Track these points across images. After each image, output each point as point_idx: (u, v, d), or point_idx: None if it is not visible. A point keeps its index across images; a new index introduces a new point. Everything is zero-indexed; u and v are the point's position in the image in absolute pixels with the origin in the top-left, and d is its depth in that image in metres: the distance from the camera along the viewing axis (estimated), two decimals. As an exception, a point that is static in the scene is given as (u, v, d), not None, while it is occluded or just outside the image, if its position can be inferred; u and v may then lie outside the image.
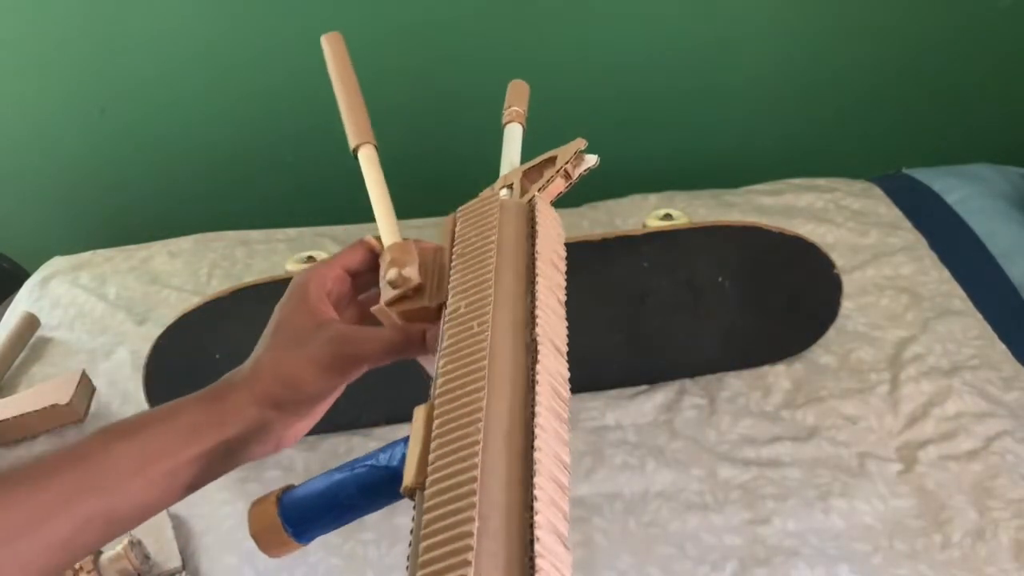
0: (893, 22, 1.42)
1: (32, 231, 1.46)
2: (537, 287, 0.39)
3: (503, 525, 0.28)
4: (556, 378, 0.35)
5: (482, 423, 0.32)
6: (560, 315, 0.39)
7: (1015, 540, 0.81)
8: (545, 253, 0.43)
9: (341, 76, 0.59)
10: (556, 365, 0.36)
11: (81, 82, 1.29)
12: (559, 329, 0.38)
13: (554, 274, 0.42)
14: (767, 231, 0.94)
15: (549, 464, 0.30)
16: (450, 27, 1.31)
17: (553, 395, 0.34)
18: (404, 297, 0.47)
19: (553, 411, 0.33)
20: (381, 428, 0.95)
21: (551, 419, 0.33)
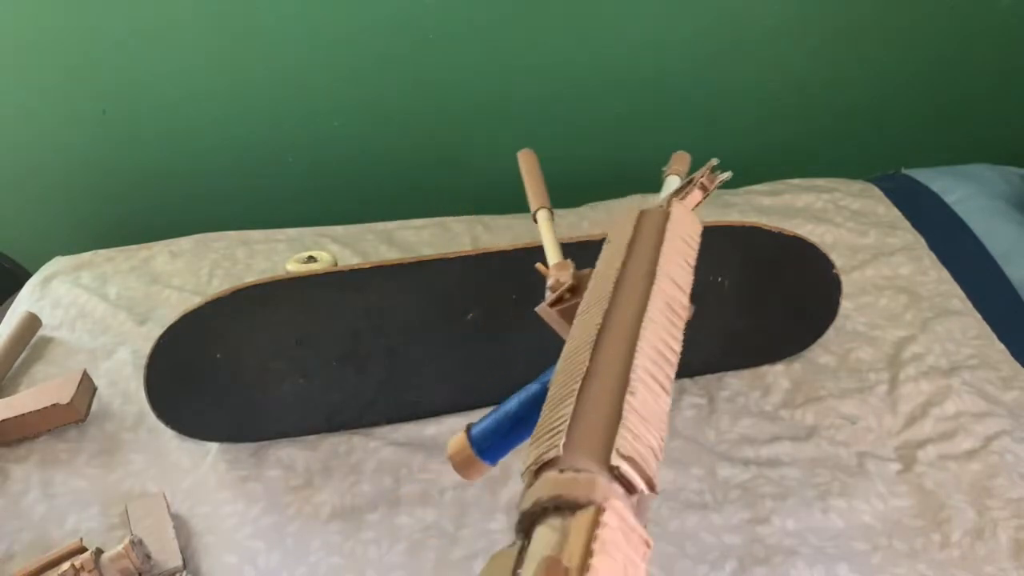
0: (893, 23, 1.42)
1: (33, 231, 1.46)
2: (652, 294, 0.45)
3: (609, 373, 0.37)
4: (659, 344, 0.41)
5: (595, 336, 0.41)
6: (663, 319, 0.43)
7: (1014, 539, 0.81)
8: (669, 255, 0.49)
9: (530, 170, 0.76)
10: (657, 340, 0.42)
11: (83, 83, 1.29)
12: (659, 331, 0.42)
13: (674, 274, 0.48)
14: (767, 231, 0.95)
15: (652, 337, 0.39)
16: (452, 29, 1.31)
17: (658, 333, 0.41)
18: (561, 299, 0.57)
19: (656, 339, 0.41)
20: (382, 428, 0.95)
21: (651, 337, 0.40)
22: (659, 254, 0.49)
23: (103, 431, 0.95)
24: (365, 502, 0.86)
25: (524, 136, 1.46)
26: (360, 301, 0.90)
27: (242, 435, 0.93)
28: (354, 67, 1.33)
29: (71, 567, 0.74)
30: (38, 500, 0.87)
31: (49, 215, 1.45)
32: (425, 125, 1.42)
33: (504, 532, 0.83)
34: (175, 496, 0.88)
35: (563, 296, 0.57)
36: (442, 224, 1.28)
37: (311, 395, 0.92)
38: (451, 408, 0.97)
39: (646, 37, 1.38)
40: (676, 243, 0.51)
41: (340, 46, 1.31)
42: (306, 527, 0.84)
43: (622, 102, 1.45)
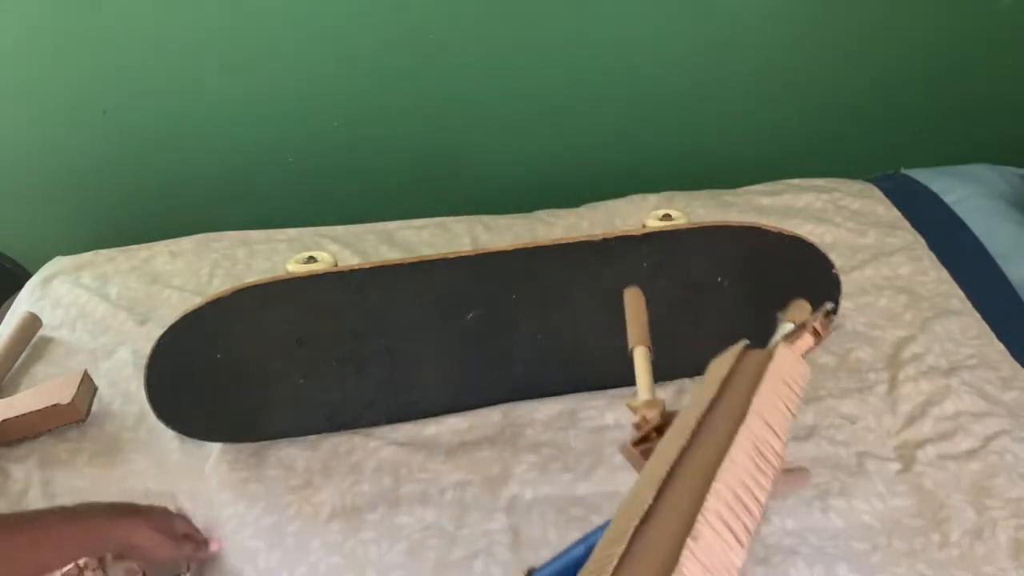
0: (893, 23, 1.42)
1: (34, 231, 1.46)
2: (738, 434, 0.43)
3: (673, 514, 0.36)
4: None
5: (665, 474, 0.39)
6: (749, 462, 0.41)
7: (1013, 539, 0.81)
8: (764, 399, 0.46)
9: (635, 310, 0.74)
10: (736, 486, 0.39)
11: (83, 83, 1.29)
12: (741, 475, 0.40)
13: (769, 416, 0.45)
14: (766, 231, 0.95)
15: (732, 480, 0.37)
16: (452, 29, 1.31)
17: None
18: (646, 439, 0.55)
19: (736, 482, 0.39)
20: (382, 428, 0.95)
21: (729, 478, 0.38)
22: (754, 394, 0.46)
23: (103, 431, 0.95)
24: (365, 502, 0.87)
25: (524, 136, 1.46)
26: (360, 301, 0.90)
27: (242, 435, 0.93)
28: (354, 67, 1.33)
29: (75, 566, 0.74)
30: (38, 500, 0.87)
31: (49, 215, 1.45)
32: (425, 125, 1.42)
33: (504, 532, 0.83)
34: (175, 496, 0.88)
35: (649, 435, 0.55)
36: (442, 224, 1.28)
37: (311, 395, 0.92)
38: (451, 408, 0.97)
39: (646, 37, 1.38)
40: (776, 385, 0.48)
41: (340, 46, 1.31)
42: (306, 527, 0.84)
43: (622, 102, 1.45)
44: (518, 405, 0.97)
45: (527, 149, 1.48)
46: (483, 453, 0.92)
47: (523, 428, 0.95)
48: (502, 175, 1.51)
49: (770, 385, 0.47)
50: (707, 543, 0.34)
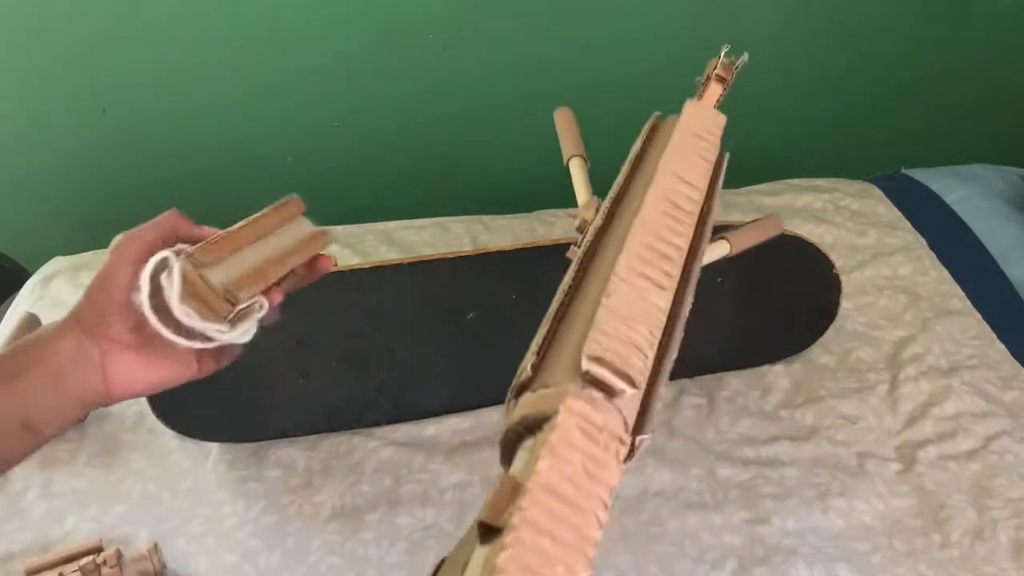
0: (893, 22, 1.42)
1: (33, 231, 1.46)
2: (647, 194, 0.43)
3: (592, 287, 0.38)
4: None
5: (582, 256, 0.42)
6: (659, 216, 0.41)
7: (1014, 539, 0.81)
8: (674, 155, 0.46)
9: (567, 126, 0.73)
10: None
11: (83, 82, 1.29)
12: (653, 228, 0.40)
13: (680, 168, 0.45)
14: (766, 231, 0.95)
15: (643, 235, 0.38)
16: (452, 29, 1.31)
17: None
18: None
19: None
20: (381, 428, 0.95)
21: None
22: (663, 154, 0.46)
23: (103, 431, 0.95)
24: (365, 502, 0.86)
25: (524, 135, 1.46)
26: (360, 301, 0.90)
27: (242, 435, 0.93)
28: (354, 67, 1.33)
29: (92, 562, 0.74)
30: (37, 500, 0.87)
31: (49, 215, 1.45)
32: (425, 125, 1.42)
33: (504, 532, 0.83)
34: (175, 496, 0.88)
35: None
36: (442, 224, 1.28)
37: (311, 395, 0.92)
38: (451, 408, 0.97)
39: (646, 36, 1.37)
40: (685, 139, 0.48)
41: (340, 46, 1.31)
42: (306, 527, 0.84)
43: (622, 101, 1.45)
44: (518, 405, 0.97)
45: (527, 149, 1.48)
46: (483, 453, 0.91)
47: (523, 428, 0.94)
48: (502, 175, 1.51)
49: (679, 140, 0.47)
50: (621, 295, 0.35)
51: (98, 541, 0.79)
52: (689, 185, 0.43)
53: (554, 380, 0.31)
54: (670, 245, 0.39)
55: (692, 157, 0.46)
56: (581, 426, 0.27)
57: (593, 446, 0.27)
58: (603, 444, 0.27)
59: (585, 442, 0.27)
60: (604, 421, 0.28)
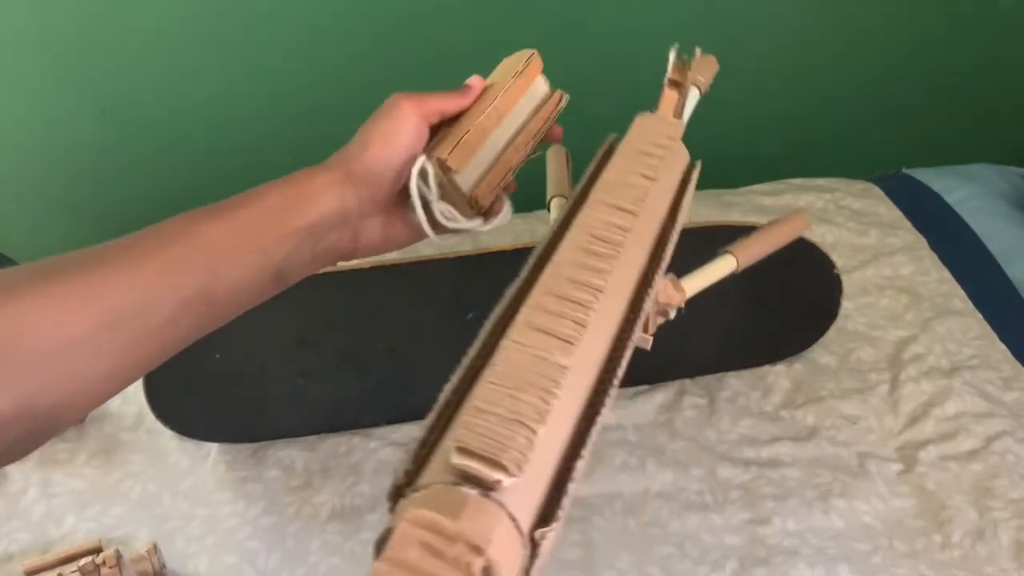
0: (893, 22, 1.42)
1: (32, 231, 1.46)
2: (569, 230, 0.39)
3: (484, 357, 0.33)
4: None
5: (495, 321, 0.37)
6: (578, 254, 0.36)
7: (1015, 540, 0.81)
8: (612, 175, 0.42)
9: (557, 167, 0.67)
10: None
11: (82, 82, 1.29)
12: (567, 272, 0.36)
13: (614, 195, 0.40)
14: (767, 231, 0.94)
15: (551, 283, 0.35)
16: (451, 28, 1.31)
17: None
18: None
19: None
20: (381, 428, 0.95)
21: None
22: (594, 183, 0.41)
23: (102, 431, 0.95)
24: (365, 502, 0.86)
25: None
26: (360, 301, 0.90)
27: (242, 435, 0.93)
28: (354, 66, 1.33)
29: (91, 562, 0.74)
30: (37, 500, 0.87)
31: (48, 215, 1.45)
32: (425, 125, 1.42)
33: (504, 533, 0.83)
34: (174, 497, 0.88)
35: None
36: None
37: (311, 395, 0.92)
38: (451, 408, 0.97)
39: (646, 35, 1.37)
40: (626, 160, 0.42)
41: (339, 46, 1.31)
42: (306, 528, 0.84)
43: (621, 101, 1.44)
44: (518, 405, 0.97)
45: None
46: (483, 453, 0.91)
47: (523, 428, 0.94)
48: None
49: (618, 162, 0.42)
50: (511, 360, 0.30)
51: (97, 541, 0.79)
52: (622, 212, 0.38)
53: (428, 480, 0.27)
54: (586, 288, 0.33)
55: (631, 178, 0.41)
56: (424, 540, 0.23)
57: (436, 564, 0.22)
58: (452, 559, 0.23)
59: (424, 560, 0.22)
60: (459, 529, 0.23)
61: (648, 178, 0.41)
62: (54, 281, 0.36)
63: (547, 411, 0.28)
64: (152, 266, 0.38)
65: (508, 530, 0.25)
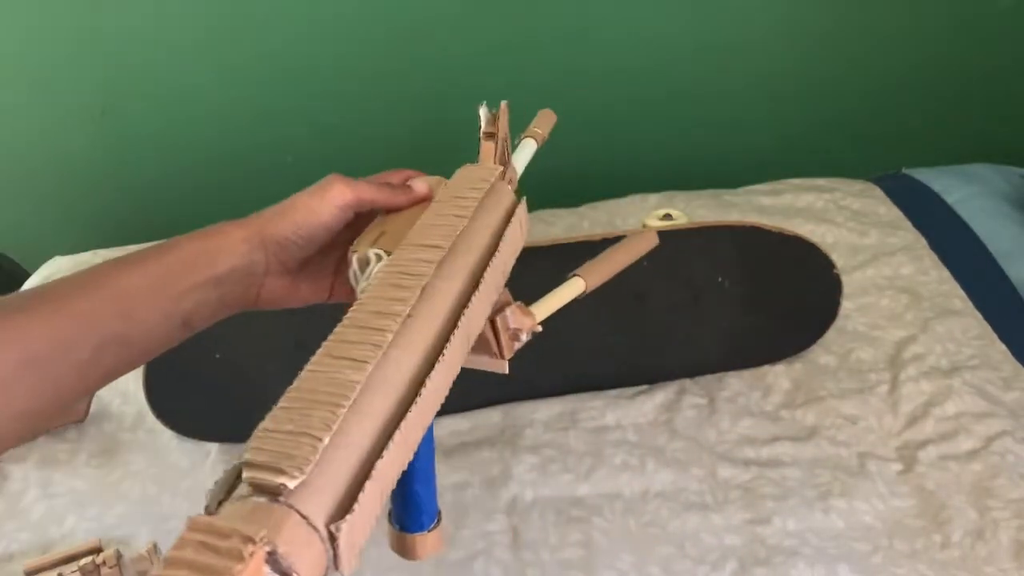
0: (893, 22, 1.42)
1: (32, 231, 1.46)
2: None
3: None
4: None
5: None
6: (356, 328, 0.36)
7: (1015, 540, 0.81)
8: (420, 225, 0.42)
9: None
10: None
11: (82, 83, 1.29)
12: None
13: (419, 236, 0.41)
14: (767, 231, 0.94)
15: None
16: (451, 25, 1.31)
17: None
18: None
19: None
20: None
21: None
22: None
23: (102, 431, 0.95)
24: (365, 502, 0.86)
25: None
26: (360, 301, 0.90)
27: (241, 436, 0.93)
28: (354, 66, 1.33)
29: (91, 562, 0.74)
30: (37, 500, 0.87)
31: (48, 215, 1.45)
32: (425, 125, 1.42)
33: (504, 533, 0.83)
34: (174, 497, 0.88)
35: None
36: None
37: (311, 395, 0.92)
38: (450, 408, 0.97)
39: (646, 36, 1.37)
40: (438, 206, 0.43)
41: (339, 46, 1.31)
42: (306, 527, 0.84)
43: (622, 101, 1.45)
44: (518, 405, 0.97)
45: (527, 149, 1.48)
46: (482, 454, 0.91)
47: (523, 429, 0.94)
48: (502, 175, 1.51)
49: (430, 210, 0.43)
50: (306, 384, 0.32)
51: (97, 541, 0.79)
52: (429, 248, 0.39)
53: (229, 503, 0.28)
54: (386, 316, 0.34)
55: (441, 219, 0.42)
56: (202, 540, 0.24)
57: (210, 555, 0.24)
58: (225, 550, 0.24)
59: (199, 554, 0.24)
60: (233, 527, 0.24)
61: (459, 217, 0.42)
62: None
63: (334, 420, 0.29)
64: (70, 311, 0.40)
65: (297, 525, 0.26)
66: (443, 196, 0.45)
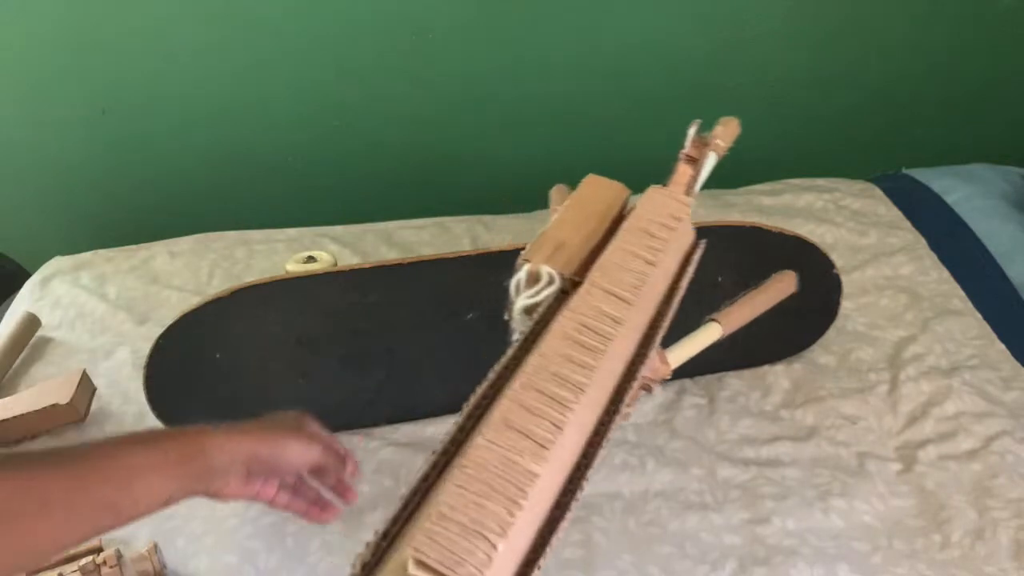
0: (893, 23, 1.42)
1: (33, 231, 1.46)
2: (557, 319, 0.38)
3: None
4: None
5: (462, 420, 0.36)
6: (564, 346, 0.35)
7: (1014, 540, 0.81)
8: (611, 257, 0.40)
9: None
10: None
11: (83, 83, 1.29)
12: (550, 365, 0.35)
13: (611, 280, 0.39)
14: (767, 231, 0.94)
15: (520, 393, 0.33)
16: (452, 28, 1.31)
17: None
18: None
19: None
20: (381, 428, 0.95)
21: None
22: (594, 265, 0.39)
23: (103, 431, 0.95)
24: (365, 502, 0.86)
25: (525, 135, 1.46)
26: (360, 301, 0.90)
27: (242, 435, 0.93)
28: (354, 67, 1.33)
29: (92, 562, 0.74)
30: (37, 500, 0.87)
31: (49, 215, 1.45)
32: (425, 125, 1.42)
33: (504, 532, 0.83)
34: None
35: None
36: (442, 224, 1.28)
37: (311, 395, 0.92)
38: (451, 408, 0.97)
39: (647, 36, 1.37)
40: (629, 239, 0.41)
41: (340, 46, 1.31)
42: (306, 527, 0.84)
43: (622, 102, 1.45)
44: (518, 405, 0.97)
45: (527, 149, 1.48)
46: (483, 453, 0.91)
47: (523, 428, 0.94)
48: (502, 175, 1.51)
49: (620, 243, 0.41)
50: (481, 462, 0.29)
51: (98, 541, 0.79)
52: (617, 301, 0.37)
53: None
54: (568, 385, 0.32)
55: (631, 262, 0.40)
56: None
57: None
58: None
59: None
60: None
61: (649, 263, 0.41)
62: None
63: (511, 524, 0.28)
64: (72, 474, 0.43)
65: None
66: (632, 226, 0.43)
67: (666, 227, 0.43)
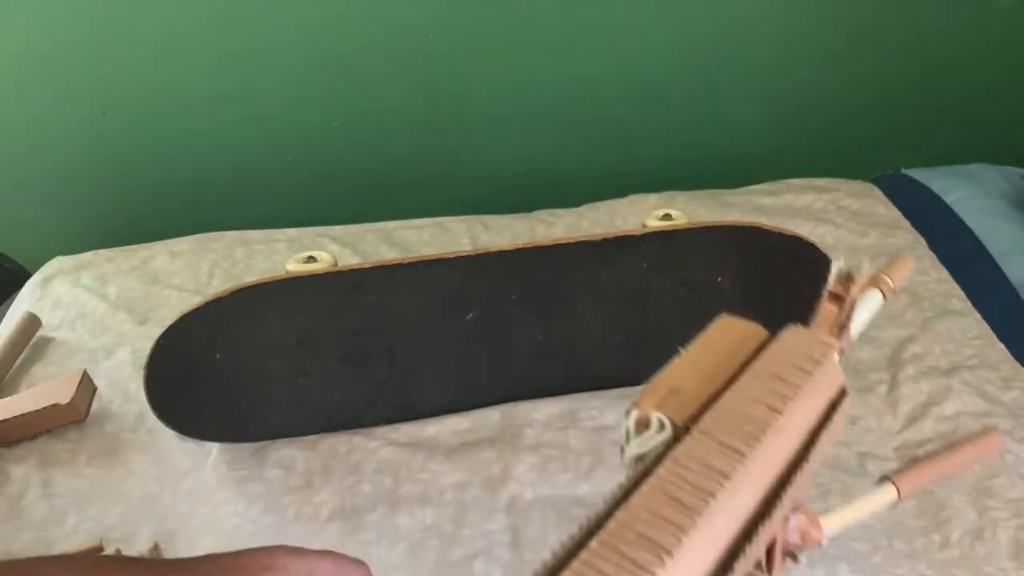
0: (892, 23, 1.42)
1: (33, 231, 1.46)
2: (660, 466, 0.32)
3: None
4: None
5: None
6: (660, 498, 0.30)
7: (1014, 540, 0.81)
8: (725, 409, 0.34)
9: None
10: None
11: (83, 83, 1.29)
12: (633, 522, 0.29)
13: (724, 431, 0.33)
14: (767, 231, 0.94)
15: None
16: (452, 28, 1.31)
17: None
18: None
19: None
20: (382, 428, 0.95)
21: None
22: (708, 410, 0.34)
23: (103, 431, 0.95)
24: (365, 502, 0.86)
25: (525, 135, 1.46)
26: (360, 301, 0.90)
27: (242, 435, 0.93)
28: (354, 67, 1.33)
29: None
30: (38, 500, 0.87)
31: (49, 215, 1.45)
32: (425, 125, 1.42)
33: (504, 532, 0.83)
34: (175, 496, 0.88)
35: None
36: (442, 224, 1.28)
37: (311, 395, 0.92)
38: (451, 408, 0.97)
39: (646, 36, 1.37)
40: (752, 382, 0.36)
41: (339, 45, 1.31)
42: (306, 527, 0.84)
43: (622, 102, 1.45)
44: (518, 405, 0.97)
45: (527, 149, 1.48)
46: (483, 453, 0.91)
47: (523, 428, 0.94)
48: (502, 175, 1.51)
49: (745, 383, 0.36)
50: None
51: (98, 541, 0.79)
52: (726, 451, 0.31)
53: None
54: (651, 548, 0.27)
55: (752, 408, 0.34)
56: None
57: None
58: None
59: None
60: None
61: (774, 410, 0.34)
62: None
63: None
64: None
65: None
66: (759, 368, 0.37)
67: (801, 370, 0.37)
